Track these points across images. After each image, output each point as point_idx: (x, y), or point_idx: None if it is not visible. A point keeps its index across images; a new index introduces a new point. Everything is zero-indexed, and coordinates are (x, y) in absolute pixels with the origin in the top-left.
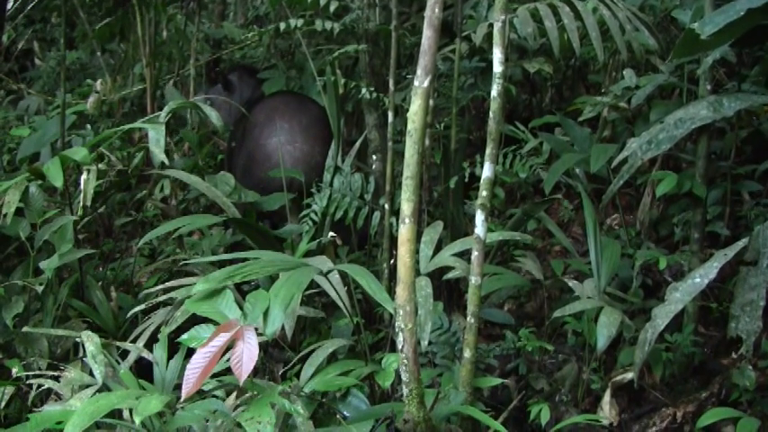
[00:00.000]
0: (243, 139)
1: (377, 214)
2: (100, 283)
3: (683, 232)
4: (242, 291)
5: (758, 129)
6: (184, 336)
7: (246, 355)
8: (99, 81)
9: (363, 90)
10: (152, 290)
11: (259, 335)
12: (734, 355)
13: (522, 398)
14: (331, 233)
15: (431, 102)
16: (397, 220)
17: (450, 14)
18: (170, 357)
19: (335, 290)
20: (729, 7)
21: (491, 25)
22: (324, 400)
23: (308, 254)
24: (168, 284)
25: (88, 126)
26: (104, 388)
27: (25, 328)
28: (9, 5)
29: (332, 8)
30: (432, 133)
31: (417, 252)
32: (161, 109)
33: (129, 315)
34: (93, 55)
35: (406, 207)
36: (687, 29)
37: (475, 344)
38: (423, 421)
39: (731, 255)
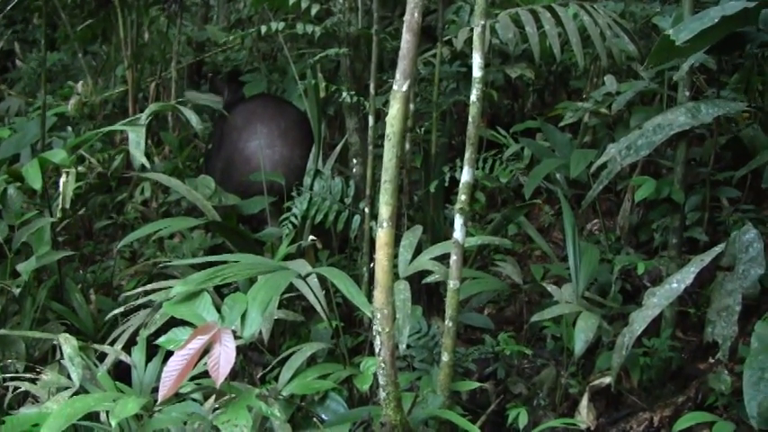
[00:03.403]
0: (221, 143)
1: (357, 218)
2: (79, 286)
3: (662, 237)
4: (221, 294)
5: (737, 135)
6: (162, 338)
7: (224, 358)
8: (80, 83)
9: (344, 94)
10: (132, 292)
11: (237, 338)
12: (710, 360)
13: (500, 402)
14: (311, 237)
15: (411, 106)
16: (377, 223)
17: (433, 19)
18: (149, 360)
19: (314, 293)
20: (704, 14)
21: (472, 30)
22: (302, 403)
23: (288, 257)
24: (148, 287)
25: (69, 128)
26: (82, 390)
27: (2, 331)
28: None
29: (313, 11)
30: (412, 137)
31: (396, 256)
32: (143, 111)
33: (108, 317)
34: (74, 56)
35: (385, 211)
36: (662, 35)
37: (453, 347)
38: (400, 424)
39: (708, 260)
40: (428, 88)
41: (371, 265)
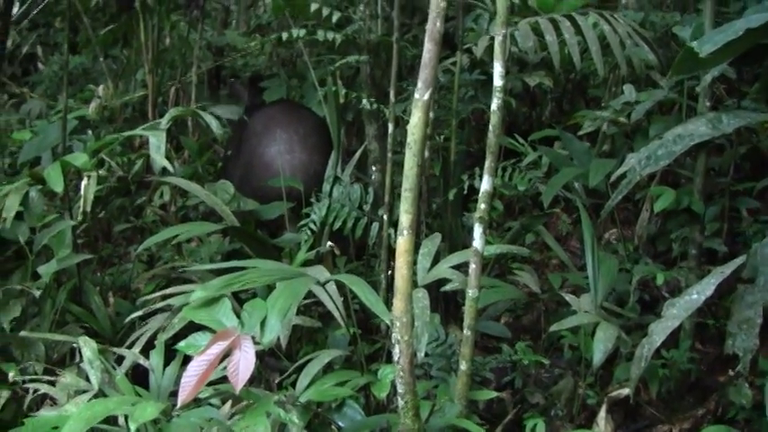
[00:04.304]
0: (240, 148)
1: (375, 225)
2: (98, 289)
3: (680, 248)
4: (239, 299)
5: (757, 146)
6: (181, 343)
7: (243, 364)
8: (101, 86)
9: (364, 101)
10: (150, 296)
11: (256, 344)
12: (730, 373)
13: (517, 411)
14: (329, 243)
15: (431, 114)
16: (396, 231)
17: (452, 27)
18: (166, 364)
19: (332, 300)
20: (728, 26)
21: (492, 38)
22: (319, 410)
23: (306, 263)
24: (166, 291)
25: (89, 131)
26: (100, 394)
27: (22, 333)
28: (14, 10)
29: (334, 19)
30: (431, 145)
31: (415, 264)
32: (162, 115)
33: (126, 321)
34: (95, 60)
35: (405, 219)
36: (686, 47)
37: (471, 356)
38: None
39: (728, 272)
40: (447, 96)
41: (389, 272)
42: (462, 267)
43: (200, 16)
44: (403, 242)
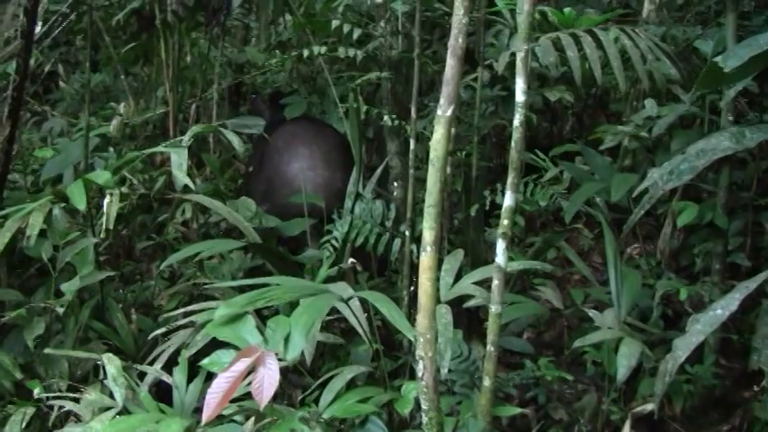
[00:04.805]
0: (262, 164)
1: (397, 241)
2: (120, 306)
3: (703, 263)
4: (261, 315)
5: None
6: (205, 360)
7: (267, 381)
8: (122, 104)
9: (386, 117)
10: (173, 313)
11: (280, 360)
12: (755, 388)
13: (540, 427)
14: (351, 259)
15: (453, 130)
16: (418, 247)
17: (472, 43)
18: (188, 381)
19: (355, 316)
20: (753, 41)
21: (513, 54)
22: (342, 426)
23: (328, 280)
24: (189, 308)
25: (111, 149)
26: (124, 410)
27: (46, 350)
28: (37, 29)
29: (355, 35)
30: (453, 161)
31: (438, 280)
32: (183, 133)
33: (149, 338)
34: (116, 78)
35: (428, 235)
36: (710, 62)
37: (494, 372)
38: None
39: (753, 287)
40: (468, 112)
41: (411, 288)
42: (484, 283)
43: (220, 33)
44: (426, 258)
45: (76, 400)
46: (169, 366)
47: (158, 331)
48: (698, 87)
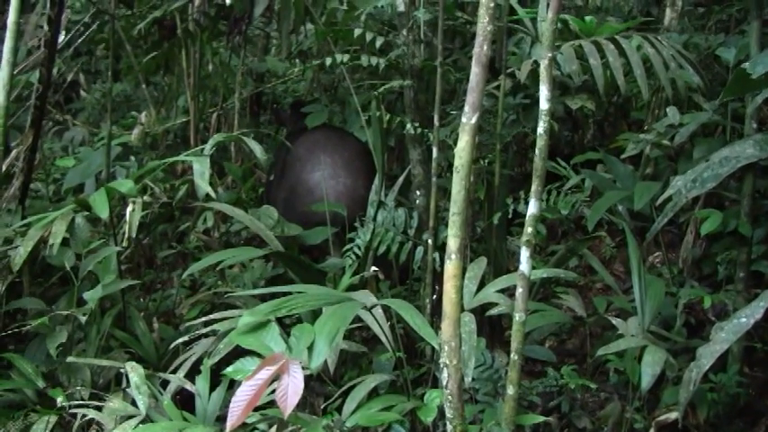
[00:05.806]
0: (283, 173)
1: (420, 249)
2: (142, 314)
3: (726, 271)
4: (283, 324)
5: None
6: (229, 368)
7: (292, 389)
8: (143, 113)
9: (408, 125)
10: (194, 322)
11: (304, 368)
12: None
13: None
14: (373, 267)
15: (476, 138)
16: (441, 255)
17: (494, 51)
18: (210, 389)
19: (379, 324)
20: None
21: (535, 62)
22: None
23: (351, 288)
24: (211, 317)
25: (132, 158)
26: (147, 419)
27: (69, 358)
28: (60, 39)
29: (378, 44)
30: (475, 169)
31: (462, 288)
32: (204, 141)
33: (171, 346)
34: (137, 87)
35: (453, 243)
36: (738, 69)
37: (518, 380)
38: None
39: None
40: (490, 120)
41: (434, 296)
42: (507, 291)
43: (241, 42)
44: (451, 266)
45: (99, 409)
46: (191, 375)
47: (180, 340)
48: (725, 95)
